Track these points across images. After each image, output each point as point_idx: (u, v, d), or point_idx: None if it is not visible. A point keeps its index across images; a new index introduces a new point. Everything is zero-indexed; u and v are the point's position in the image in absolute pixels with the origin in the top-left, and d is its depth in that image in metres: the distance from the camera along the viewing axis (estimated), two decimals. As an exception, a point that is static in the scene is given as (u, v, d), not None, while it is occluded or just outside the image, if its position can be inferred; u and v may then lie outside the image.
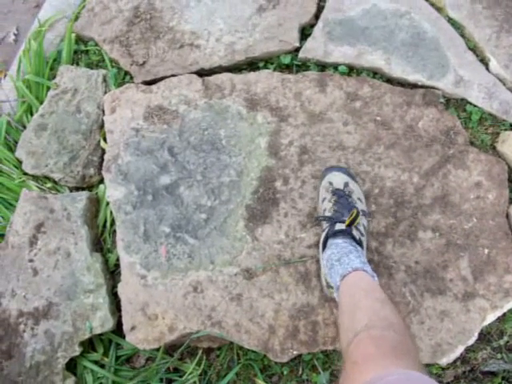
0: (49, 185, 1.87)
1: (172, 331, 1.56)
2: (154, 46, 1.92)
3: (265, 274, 1.57)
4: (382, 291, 1.20)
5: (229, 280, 1.58)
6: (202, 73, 1.86)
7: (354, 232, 1.42)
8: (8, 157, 1.89)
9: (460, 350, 1.50)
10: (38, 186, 1.86)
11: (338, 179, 1.56)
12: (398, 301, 1.53)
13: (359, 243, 1.43)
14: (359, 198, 1.56)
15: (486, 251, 1.57)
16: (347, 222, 1.38)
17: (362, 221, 1.50)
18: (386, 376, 0.81)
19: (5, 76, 2.11)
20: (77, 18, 2.07)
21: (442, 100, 1.76)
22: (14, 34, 2.22)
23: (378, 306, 1.12)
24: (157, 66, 1.89)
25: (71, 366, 1.66)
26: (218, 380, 1.61)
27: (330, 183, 1.56)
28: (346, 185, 1.54)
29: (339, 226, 1.41)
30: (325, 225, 1.51)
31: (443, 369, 1.55)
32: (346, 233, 1.41)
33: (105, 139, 1.83)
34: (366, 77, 1.79)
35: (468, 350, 1.56)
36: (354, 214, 1.36)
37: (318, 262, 1.58)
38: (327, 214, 1.50)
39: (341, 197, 1.50)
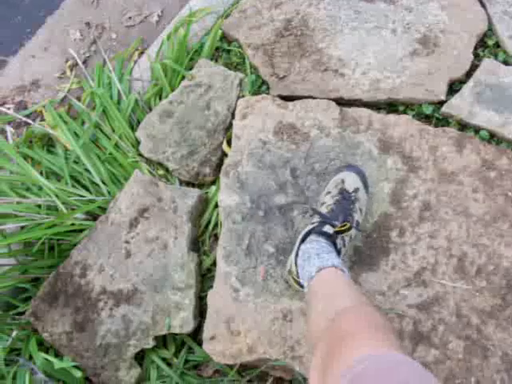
0: (161, 172, 1.86)
1: (251, 352, 1.52)
2: (297, 63, 1.89)
3: (360, 322, 1.52)
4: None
5: (321, 318, 1.53)
6: (339, 102, 1.82)
7: (338, 240, 1.39)
8: (128, 134, 1.90)
9: None
10: (149, 171, 1.85)
11: (351, 180, 1.53)
12: (486, 386, 1.46)
13: (338, 252, 1.39)
14: (361, 209, 1.51)
15: None
16: (337, 229, 1.36)
17: (352, 232, 1.44)
18: (381, 357, 0.78)
19: (141, 53, 2.13)
20: (226, 16, 2.07)
21: None
22: (158, 16, 2.24)
23: (359, 292, 1.10)
24: (296, 84, 1.86)
25: (139, 356, 1.64)
26: (282, 412, 1.56)
27: (343, 181, 1.53)
28: (356, 190, 1.51)
29: (327, 229, 1.38)
30: (315, 219, 1.46)
31: None
32: (331, 238, 1.37)
33: (228, 142, 1.81)
34: (507, 148, 1.72)
35: None
36: (346, 226, 1.35)
37: (414, 323, 1.51)
38: (323, 208, 1.47)
39: (345, 199, 1.47)
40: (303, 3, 2.01)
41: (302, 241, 1.42)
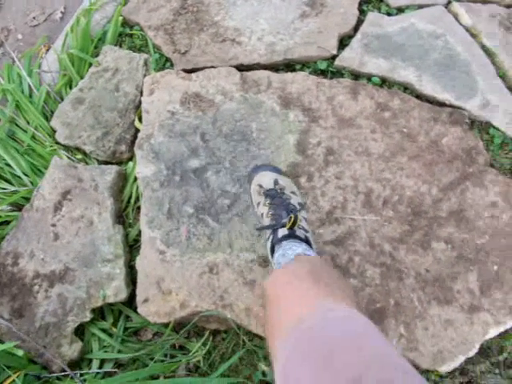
0: (79, 156, 1.93)
1: (183, 308, 1.59)
2: (197, 38, 1.99)
3: (280, 263, 1.61)
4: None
5: (245, 265, 1.62)
6: (240, 68, 1.93)
7: (298, 232, 1.38)
8: (43, 125, 1.95)
9: (460, 359, 1.52)
10: (68, 156, 1.91)
11: (266, 179, 1.56)
12: (405, 305, 1.57)
13: (306, 241, 1.38)
14: (293, 192, 1.55)
15: (495, 268, 1.61)
16: (288, 226, 1.35)
17: (302, 214, 1.48)
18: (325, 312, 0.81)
19: (48, 49, 2.18)
20: (125, 3, 2.15)
21: (467, 121, 1.82)
22: (61, 12, 2.30)
23: (304, 258, 1.15)
24: (198, 57, 1.96)
25: (79, 331, 1.69)
26: (222, 362, 1.63)
27: (260, 186, 1.55)
28: (276, 182, 1.54)
29: (282, 232, 1.37)
30: (268, 232, 1.47)
31: (441, 376, 1.58)
32: (291, 236, 1.37)
33: (139, 119, 1.89)
34: (398, 90, 1.86)
35: (467, 361, 1.58)
36: (292, 219, 1.34)
37: (332, 258, 1.62)
38: (266, 219, 1.47)
39: (274, 197, 1.48)
40: (196, -18, 2.11)
41: (272, 254, 1.45)
